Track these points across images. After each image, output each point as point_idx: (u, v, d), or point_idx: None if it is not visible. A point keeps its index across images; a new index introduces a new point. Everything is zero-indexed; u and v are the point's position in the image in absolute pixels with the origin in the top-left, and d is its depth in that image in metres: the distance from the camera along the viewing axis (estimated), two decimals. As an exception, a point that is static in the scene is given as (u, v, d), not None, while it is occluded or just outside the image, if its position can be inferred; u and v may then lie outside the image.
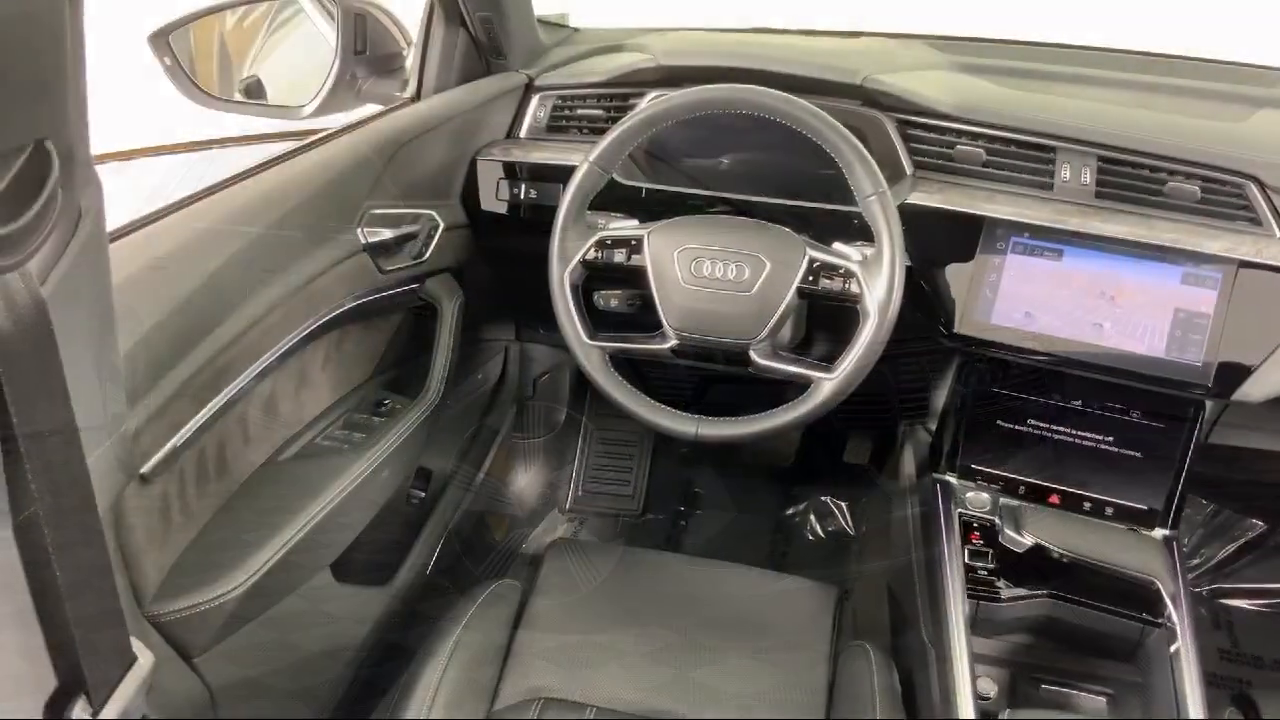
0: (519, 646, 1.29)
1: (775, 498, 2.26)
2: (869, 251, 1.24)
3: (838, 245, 1.28)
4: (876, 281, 1.21)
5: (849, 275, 1.23)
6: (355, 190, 1.36)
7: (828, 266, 1.24)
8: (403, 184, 1.45)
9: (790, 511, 2.24)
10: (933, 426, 1.54)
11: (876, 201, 1.21)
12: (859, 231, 1.25)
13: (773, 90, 1.25)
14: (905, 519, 1.53)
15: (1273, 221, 1.29)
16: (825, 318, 1.49)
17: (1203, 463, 1.39)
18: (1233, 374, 1.26)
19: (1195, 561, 2.04)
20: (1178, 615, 1.20)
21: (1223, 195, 1.31)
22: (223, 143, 2.68)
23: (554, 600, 1.37)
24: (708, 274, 1.25)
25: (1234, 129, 1.41)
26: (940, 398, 1.51)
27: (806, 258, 1.24)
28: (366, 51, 1.63)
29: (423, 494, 1.67)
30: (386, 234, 1.40)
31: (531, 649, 1.29)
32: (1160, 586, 1.20)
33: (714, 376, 1.35)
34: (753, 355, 1.26)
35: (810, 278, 1.24)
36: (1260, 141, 1.35)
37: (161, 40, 1.57)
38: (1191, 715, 1.12)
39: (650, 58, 1.51)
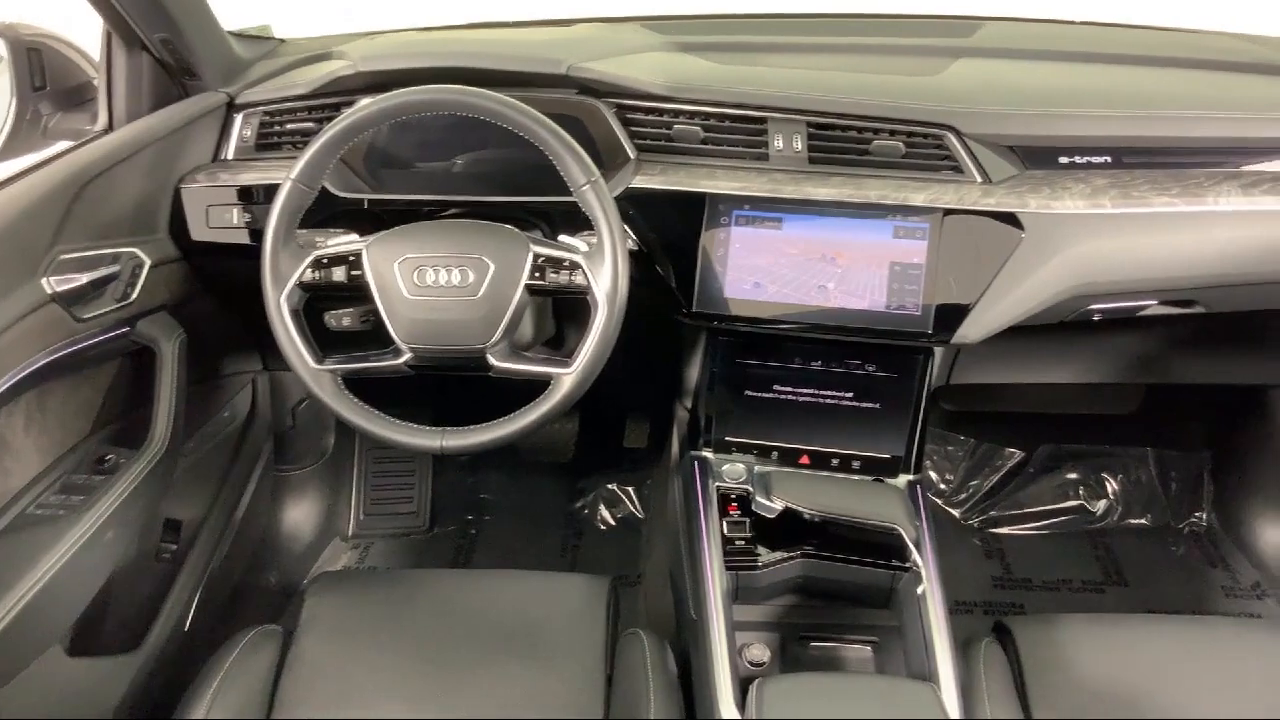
0: (284, 695, 1.22)
1: (562, 492, 2.25)
2: (595, 241, 1.22)
3: (564, 238, 1.26)
4: (601, 271, 1.19)
5: (574, 267, 1.21)
6: (34, 236, 1.24)
7: (553, 260, 1.22)
8: (96, 223, 1.33)
9: (579, 504, 2.23)
10: (690, 404, 1.55)
11: (590, 191, 1.20)
12: (589, 222, 1.24)
13: (473, 88, 1.22)
14: (675, 499, 1.53)
15: (972, 167, 1.35)
16: (573, 311, 1.47)
17: (952, 401, 1.45)
18: (950, 318, 1.32)
19: (963, 496, 2.15)
20: (921, 558, 1.24)
21: (924, 148, 1.36)
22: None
23: (319, 639, 1.30)
24: (431, 282, 1.21)
25: (931, 82, 1.47)
26: (693, 375, 1.52)
27: (531, 254, 1.21)
28: (47, 86, 1.51)
29: (174, 546, 1.57)
30: (81, 279, 1.28)
31: (298, 695, 1.22)
32: (903, 532, 1.24)
33: (465, 383, 1.31)
34: (490, 359, 1.23)
35: (537, 274, 1.21)
36: (955, 91, 1.42)
37: None
38: (939, 653, 1.17)
39: (350, 64, 1.45)
